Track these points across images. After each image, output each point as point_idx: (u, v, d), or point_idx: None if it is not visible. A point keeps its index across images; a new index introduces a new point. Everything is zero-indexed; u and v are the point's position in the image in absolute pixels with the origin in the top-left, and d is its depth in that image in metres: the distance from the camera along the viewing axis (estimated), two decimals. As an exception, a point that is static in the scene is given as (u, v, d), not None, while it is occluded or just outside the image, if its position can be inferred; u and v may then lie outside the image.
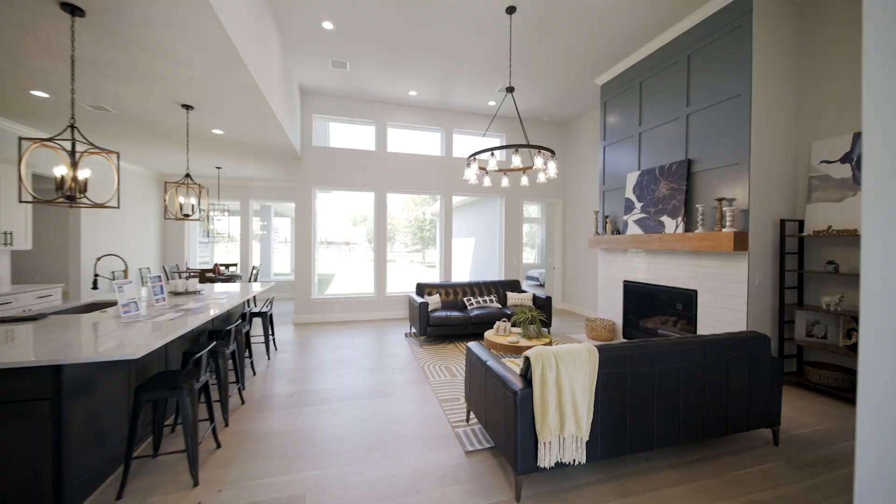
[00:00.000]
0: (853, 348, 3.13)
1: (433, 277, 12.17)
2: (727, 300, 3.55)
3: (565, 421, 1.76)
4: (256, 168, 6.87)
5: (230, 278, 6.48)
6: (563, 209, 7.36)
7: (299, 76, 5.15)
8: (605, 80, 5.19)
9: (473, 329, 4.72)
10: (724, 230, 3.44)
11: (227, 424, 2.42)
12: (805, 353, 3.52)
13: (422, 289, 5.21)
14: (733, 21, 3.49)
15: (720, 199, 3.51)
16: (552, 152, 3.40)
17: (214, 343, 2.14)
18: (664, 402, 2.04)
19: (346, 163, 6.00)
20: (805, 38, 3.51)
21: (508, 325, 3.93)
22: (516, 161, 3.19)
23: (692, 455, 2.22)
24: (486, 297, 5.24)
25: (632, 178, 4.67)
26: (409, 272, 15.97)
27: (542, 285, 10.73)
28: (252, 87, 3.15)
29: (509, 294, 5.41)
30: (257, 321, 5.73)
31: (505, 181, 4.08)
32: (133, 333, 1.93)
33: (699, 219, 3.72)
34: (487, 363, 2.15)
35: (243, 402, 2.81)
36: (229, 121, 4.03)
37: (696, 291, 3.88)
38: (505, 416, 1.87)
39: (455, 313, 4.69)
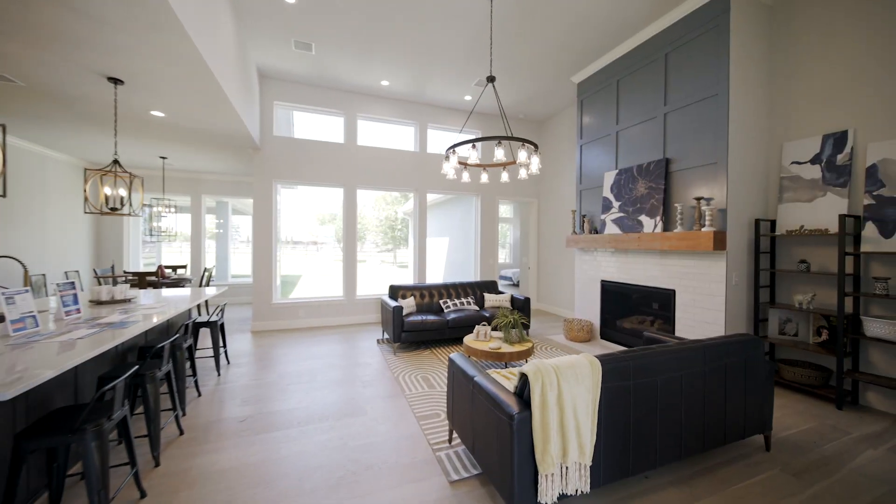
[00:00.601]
0: (823, 345, 3.19)
1: (406, 278, 11.81)
2: (705, 300, 3.54)
3: (568, 447, 1.54)
4: (210, 159, 6.20)
5: (177, 282, 5.78)
6: (539, 208, 7.28)
7: (258, 57, 4.64)
8: (581, 77, 5.11)
9: (451, 334, 4.46)
10: (703, 230, 3.41)
11: (157, 464, 1.98)
12: (777, 352, 3.57)
13: (395, 291, 4.88)
14: (711, 20, 3.47)
15: (699, 199, 3.48)
16: (535, 146, 3.20)
17: (136, 367, 1.71)
18: (667, 414, 1.87)
19: (312, 156, 5.53)
20: (775, 41, 3.56)
21: (489, 329, 3.70)
22: (499, 154, 2.96)
23: (690, 469, 2.08)
24: (463, 299, 5.00)
25: (609, 177, 4.61)
26: (381, 273, 15.45)
27: (515, 285, 10.69)
28: (197, 59, 2.69)
29: (486, 295, 5.20)
30: (207, 332, 5.12)
31: (485, 177, 3.84)
32: (21, 359, 1.48)
33: (678, 218, 3.69)
34: (475, 379, 1.89)
35: (182, 433, 2.35)
36: (171, 101, 3.50)
37: (674, 291, 3.85)
38: (498, 443, 1.62)
39: (431, 317, 4.40)
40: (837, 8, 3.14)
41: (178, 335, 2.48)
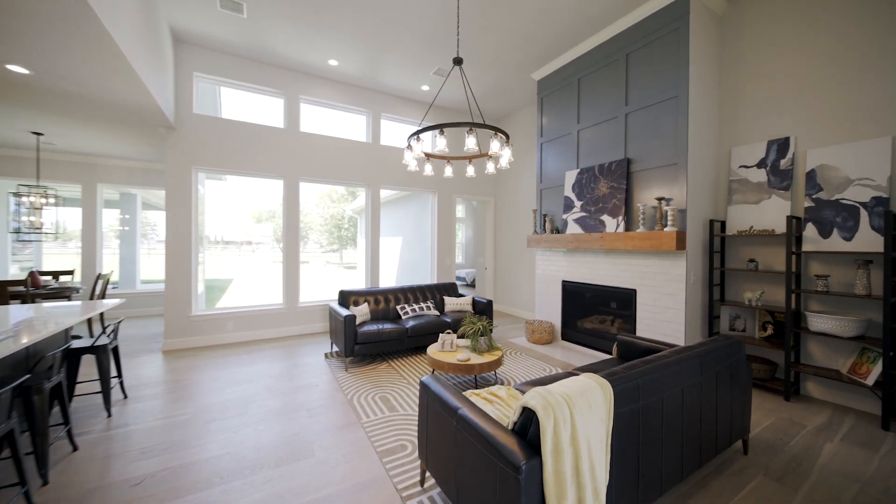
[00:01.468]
0: (768, 339, 3.36)
1: (355, 280, 11.06)
2: (666, 299, 3.57)
3: (584, 496, 1.24)
4: (108, 140, 5.02)
5: (58, 293, 4.57)
6: (496, 207, 7.15)
7: (172, 13, 3.78)
8: (542, 74, 5.01)
9: (411, 343, 4.04)
10: (665, 229, 3.42)
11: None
12: (728, 347, 3.72)
13: (346, 297, 4.32)
14: (671, 23, 3.51)
15: (660, 199, 3.50)
16: (507, 136, 2.93)
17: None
18: (671, 434, 1.68)
19: (244, 141, 4.72)
20: (725, 50, 3.72)
21: (454, 337, 3.36)
22: (470, 143, 2.63)
23: (683, 487, 1.94)
24: (422, 304, 4.61)
25: (570, 177, 4.55)
26: (326, 275, 14.37)
27: (469, 285, 10.54)
28: (68, -9, 1.95)
29: (447, 299, 4.87)
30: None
31: (449, 170, 3.49)
32: None
33: (640, 218, 3.69)
34: (461, 413, 1.52)
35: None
36: (40, 53, 2.61)
37: (635, 291, 3.86)
38: (496, 499, 1.27)
39: (388, 326, 3.94)
40: (781, 24, 3.32)
41: (26, 377, 1.74)
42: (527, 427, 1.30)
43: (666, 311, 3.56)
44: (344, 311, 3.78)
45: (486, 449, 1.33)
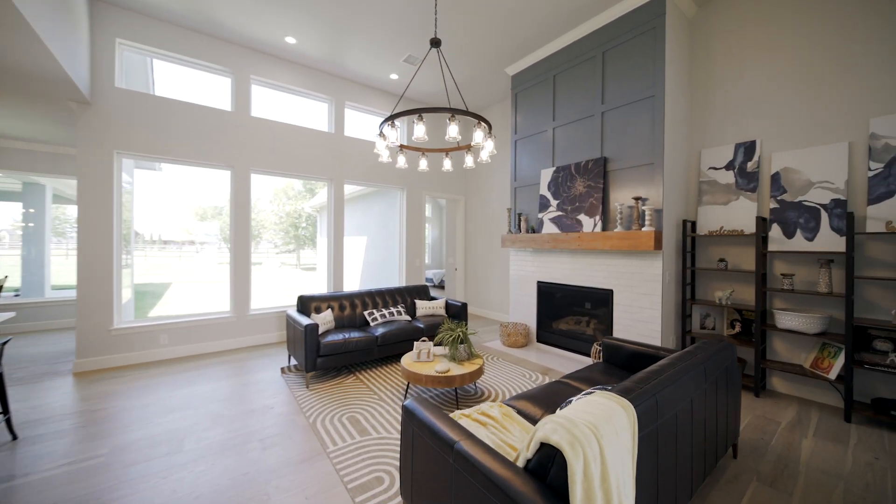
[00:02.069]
0: (736, 337, 3.45)
1: (315, 283, 10.36)
2: (642, 299, 3.55)
3: (617, 549, 1.02)
4: (1, 114, 4.11)
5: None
6: (466, 206, 6.96)
7: (82, -36, 3.11)
8: (517, 69, 4.88)
9: (381, 352, 3.68)
10: (643, 229, 3.40)
11: None
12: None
13: (307, 304, 3.86)
14: (648, 22, 3.50)
15: (637, 199, 3.47)
16: (490, 126, 2.71)
17: None
18: (683, 451, 1.53)
19: (183, 123, 4.07)
20: (695, 53, 3.80)
21: (431, 346, 3.08)
22: (452, 132, 2.36)
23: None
24: (392, 309, 4.27)
25: (546, 175, 4.46)
26: (282, 277, 13.37)
27: (437, 287, 10.29)
28: None
29: (418, 303, 4.56)
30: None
31: (423, 163, 3.20)
32: None
33: (617, 217, 3.65)
34: (458, 448, 1.24)
35: None
36: None
37: (611, 291, 3.82)
38: (512, 561, 1.01)
39: (356, 334, 3.56)
40: (747, 31, 3.43)
41: None
42: (546, 466, 1.06)
43: (642, 311, 3.55)
44: (304, 320, 3.34)
45: (495, 496, 1.07)
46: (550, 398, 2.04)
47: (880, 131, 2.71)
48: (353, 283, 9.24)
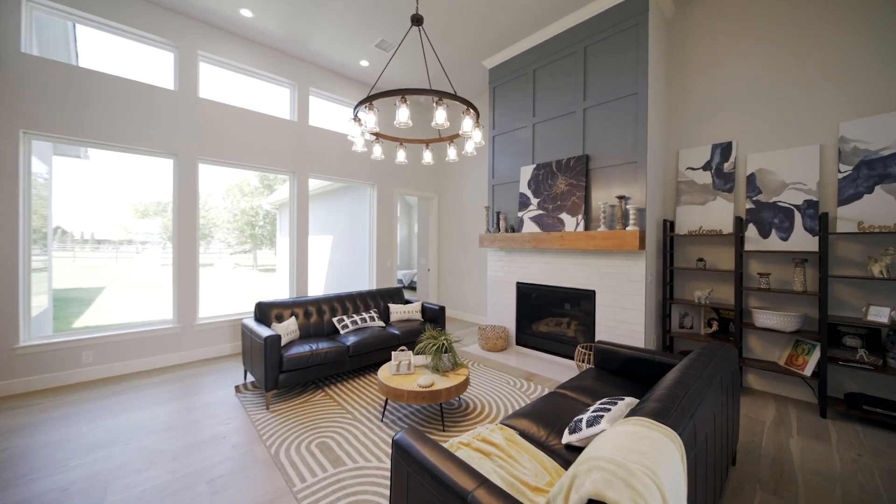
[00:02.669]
0: (713, 335, 3.49)
1: (275, 286, 9.62)
2: (625, 299, 3.50)
3: None
4: None
5: None
6: (439, 204, 6.70)
7: None
8: (495, 63, 4.70)
9: (354, 363, 3.33)
10: (628, 228, 3.34)
11: None
12: (676, 344, 3.80)
13: (266, 311, 3.41)
14: (631, 17, 3.44)
15: (621, 197, 3.41)
16: (477, 114, 2.47)
17: None
18: (712, 474, 1.38)
19: (114, 102, 3.45)
20: (672, 52, 3.81)
21: (411, 356, 2.79)
22: (440, 118, 2.10)
23: (698, 520, 1.69)
24: (364, 315, 3.91)
25: (526, 172, 4.31)
26: (237, 280, 12.33)
27: (408, 288, 9.94)
28: None
29: (392, 307, 4.24)
30: None
31: (402, 155, 2.91)
32: None
33: (601, 217, 3.57)
34: (474, 502, 0.98)
35: None
36: None
37: (594, 291, 3.74)
38: None
39: (324, 344, 3.18)
40: (723, 33, 3.47)
41: None
42: (592, 527, 0.83)
43: (625, 312, 3.49)
44: (264, 331, 2.91)
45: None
46: (552, 415, 1.84)
47: (849, 135, 2.81)
48: (317, 285, 8.66)
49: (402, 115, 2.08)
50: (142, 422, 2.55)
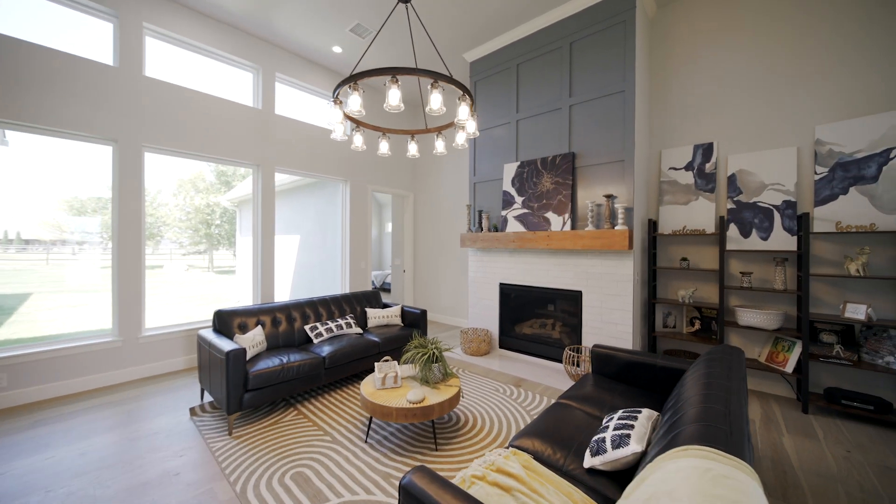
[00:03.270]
0: (696, 334, 3.53)
1: (236, 291, 8.88)
2: (612, 300, 3.45)
3: None
4: None
5: None
6: (414, 203, 6.44)
7: None
8: (476, 56, 4.53)
9: (330, 376, 3.00)
10: (616, 228, 3.28)
11: None
12: (659, 343, 3.81)
13: (227, 321, 2.99)
14: (618, 14, 3.39)
15: (608, 196, 3.35)
16: (472, 101, 2.27)
17: None
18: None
19: (36, 76, 2.88)
20: (654, 51, 3.82)
21: (397, 367, 2.53)
22: (435, 103, 1.87)
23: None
24: (340, 321, 3.58)
25: (510, 170, 4.18)
26: (190, 282, 11.27)
27: (380, 289, 9.56)
28: None
29: (370, 311, 3.94)
30: None
31: (384, 147, 2.65)
32: None
33: (588, 216, 3.50)
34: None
35: None
36: None
37: (581, 292, 3.67)
38: None
39: (295, 356, 2.83)
40: (703, 34, 3.51)
41: None
42: None
43: (613, 313, 3.44)
44: (226, 345, 2.52)
45: None
46: (564, 432, 1.67)
47: (825, 138, 2.90)
48: (283, 289, 8.09)
49: (394, 97, 1.82)
50: (68, 460, 2.09)
